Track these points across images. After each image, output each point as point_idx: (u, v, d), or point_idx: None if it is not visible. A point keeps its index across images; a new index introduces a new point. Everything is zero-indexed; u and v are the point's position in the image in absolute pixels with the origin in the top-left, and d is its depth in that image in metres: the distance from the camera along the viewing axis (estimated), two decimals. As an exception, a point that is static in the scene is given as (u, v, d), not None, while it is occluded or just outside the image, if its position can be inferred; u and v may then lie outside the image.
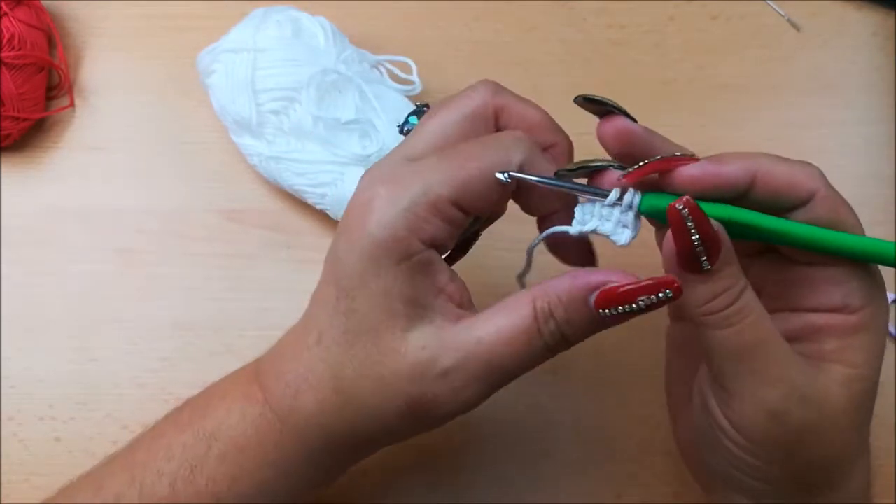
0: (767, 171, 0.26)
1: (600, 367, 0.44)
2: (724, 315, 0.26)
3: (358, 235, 0.27)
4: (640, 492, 0.42)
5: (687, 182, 0.26)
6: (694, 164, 0.26)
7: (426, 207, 0.26)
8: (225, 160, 0.47)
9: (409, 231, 0.26)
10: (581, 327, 0.27)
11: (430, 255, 0.27)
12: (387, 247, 0.26)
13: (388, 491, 0.42)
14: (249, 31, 0.43)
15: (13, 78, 0.45)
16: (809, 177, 0.27)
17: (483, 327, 0.27)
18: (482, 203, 0.28)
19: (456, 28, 0.50)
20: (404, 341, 0.27)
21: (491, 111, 0.29)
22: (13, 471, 0.43)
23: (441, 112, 0.29)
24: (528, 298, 0.27)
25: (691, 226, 0.24)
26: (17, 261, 0.46)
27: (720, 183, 0.26)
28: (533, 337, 0.27)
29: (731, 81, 0.49)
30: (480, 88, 0.29)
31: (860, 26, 0.50)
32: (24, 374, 0.44)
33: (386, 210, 0.26)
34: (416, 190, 0.26)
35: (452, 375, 0.27)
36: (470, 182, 0.27)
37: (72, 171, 0.48)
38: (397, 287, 0.27)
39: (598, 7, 0.50)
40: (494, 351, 0.27)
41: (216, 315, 0.45)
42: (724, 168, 0.26)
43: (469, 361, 0.27)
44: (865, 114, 0.48)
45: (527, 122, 0.29)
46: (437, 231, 0.27)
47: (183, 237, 0.46)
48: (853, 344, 0.27)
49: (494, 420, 0.43)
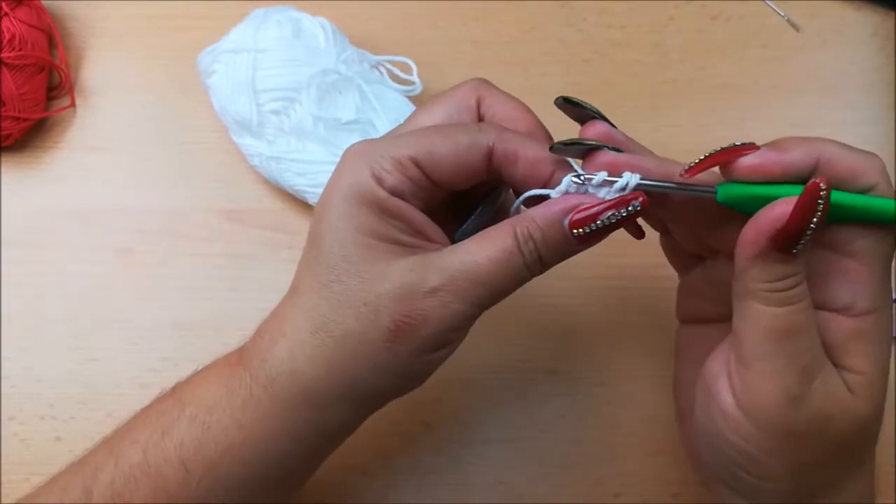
0: (829, 159, 0.27)
1: (600, 368, 0.44)
2: (785, 295, 0.26)
3: (329, 191, 0.29)
4: (639, 492, 0.42)
5: (750, 171, 0.27)
6: (755, 154, 0.27)
7: (389, 160, 0.28)
8: (225, 160, 0.47)
9: (373, 179, 0.28)
10: (556, 248, 0.29)
11: (397, 202, 0.29)
12: (352, 191, 0.28)
13: (387, 491, 0.42)
14: (250, 31, 0.43)
15: (14, 78, 0.45)
16: (871, 168, 0.27)
17: (467, 249, 0.28)
18: (447, 174, 0.29)
19: (456, 28, 0.50)
20: (389, 267, 0.28)
21: (474, 102, 0.31)
22: (13, 470, 0.43)
23: (429, 106, 0.31)
24: (510, 225, 0.29)
25: (821, 206, 0.25)
26: (17, 261, 0.46)
27: (783, 170, 0.27)
28: (514, 256, 0.28)
29: (731, 81, 0.49)
30: (466, 84, 0.31)
31: (860, 26, 0.50)
32: (25, 373, 0.44)
33: (354, 164, 0.29)
34: (381, 148, 0.29)
35: (441, 292, 0.28)
36: (433, 147, 0.29)
37: (72, 171, 0.48)
38: (369, 224, 0.28)
39: (598, 7, 0.50)
40: (479, 269, 0.28)
41: (216, 315, 0.45)
42: (786, 155, 0.27)
43: (456, 278, 0.28)
44: (865, 114, 0.48)
45: (506, 112, 0.31)
46: (399, 183, 0.29)
47: (183, 237, 0.46)
48: (852, 349, 0.27)
49: (494, 420, 0.43)
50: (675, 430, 0.43)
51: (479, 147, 0.29)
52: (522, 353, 0.44)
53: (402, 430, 0.43)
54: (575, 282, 0.45)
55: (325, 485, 0.42)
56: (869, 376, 0.27)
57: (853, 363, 0.27)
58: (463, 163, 0.29)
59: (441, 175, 0.29)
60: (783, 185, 0.27)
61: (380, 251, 0.28)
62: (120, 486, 0.29)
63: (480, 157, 0.29)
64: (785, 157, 0.27)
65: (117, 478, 0.29)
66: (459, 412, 0.43)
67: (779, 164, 0.27)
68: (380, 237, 0.28)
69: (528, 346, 0.44)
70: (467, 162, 0.29)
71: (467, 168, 0.29)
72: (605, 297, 0.45)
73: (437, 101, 0.31)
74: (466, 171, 0.29)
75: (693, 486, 0.42)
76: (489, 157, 0.29)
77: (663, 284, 0.43)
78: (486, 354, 0.44)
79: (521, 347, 0.44)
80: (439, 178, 0.29)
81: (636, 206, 0.27)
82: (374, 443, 0.42)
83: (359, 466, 0.42)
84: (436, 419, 0.43)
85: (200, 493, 0.29)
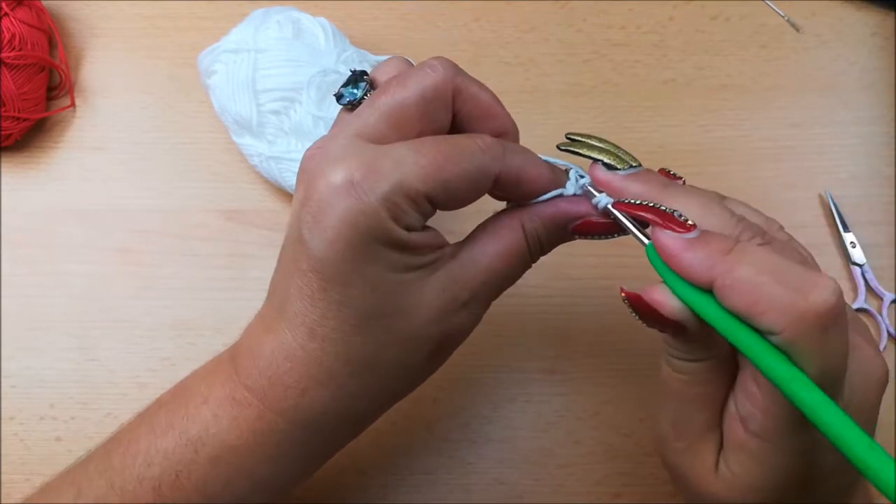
0: (728, 286, 0.23)
1: (599, 368, 0.44)
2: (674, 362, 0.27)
3: (335, 223, 0.26)
4: (639, 492, 0.42)
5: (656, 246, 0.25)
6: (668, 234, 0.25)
7: (404, 199, 0.26)
8: (225, 160, 0.48)
9: (392, 220, 0.26)
10: (554, 243, 0.30)
11: (416, 238, 0.28)
12: (374, 235, 0.26)
13: (387, 491, 0.42)
14: (250, 31, 0.43)
15: (14, 78, 0.45)
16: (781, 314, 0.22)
17: (483, 254, 0.29)
18: (455, 203, 0.28)
19: (456, 28, 0.50)
20: (423, 295, 0.28)
21: (450, 93, 0.28)
22: (13, 470, 0.43)
23: (397, 89, 0.28)
24: (517, 222, 0.29)
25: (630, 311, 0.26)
26: (17, 261, 0.46)
27: (675, 268, 0.24)
28: (525, 254, 0.30)
29: (731, 81, 0.49)
30: (438, 66, 0.28)
31: (860, 26, 0.50)
32: (25, 373, 0.44)
33: (365, 199, 0.25)
34: (393, 180, 0.26)
35: (472, 304, 0.29)
36: (448, 184, 0.27)
37: (72, 171, 0.48)
38: (400, 264, 0.27)
39: (598, 7, 0.50)
40: (499, 274, 0.29)
41: (217, 315, 0.45)
42: (683, 256, 0.24)
43: (483, 289, 0.29)
44: (865, 114, 0.48)
45: (481, 107, 0.29)
46: (414, 221, 0.27)
47: (183, 237, 0.46)
48: (735, 456, 0.26)
49: (494, 420, 0.43)
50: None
51: (488, 177, 0.28)
52: (522, 353, 0.44)
53: (402, 430, 0.43)
54: (575, 282, 0.45)
55: (325, 485, 0.42)
56: (741, 482, 0.27)
57: (731, 463, 0.27)
58: (472, 192, 0.28)
59: (451, 205, 0.28)
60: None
61: (411, 282, 0.28)
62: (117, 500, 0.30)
63: (488, 185, 0.28)
64: (681, 263, 0.24)
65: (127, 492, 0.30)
66: (459, 412, 0.43)
67: (672, 261, 0.24)
68: (407, 269, 0.28)
69: (528, 346, 0.44)
70: (477, 191, 0.28)
71: (475, 196, 0.28)
72: (605, 297, 0.45)
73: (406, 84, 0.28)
74: (473, 199, 0.29)
75: (693, 486, 0.42)
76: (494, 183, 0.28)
77: (663, 284, 0.44)
78: (486, 354, 0.44)
79: (521, 347, 0.44)
80: (449, 208, 0.28)
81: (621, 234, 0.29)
82: (374, 443, 0.42)
83: (359, 466, 0.42)
84: (436, 419, 0.43)
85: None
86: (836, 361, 0.23)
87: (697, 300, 0.24)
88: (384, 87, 0.28)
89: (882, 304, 0.45)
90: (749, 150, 0.48)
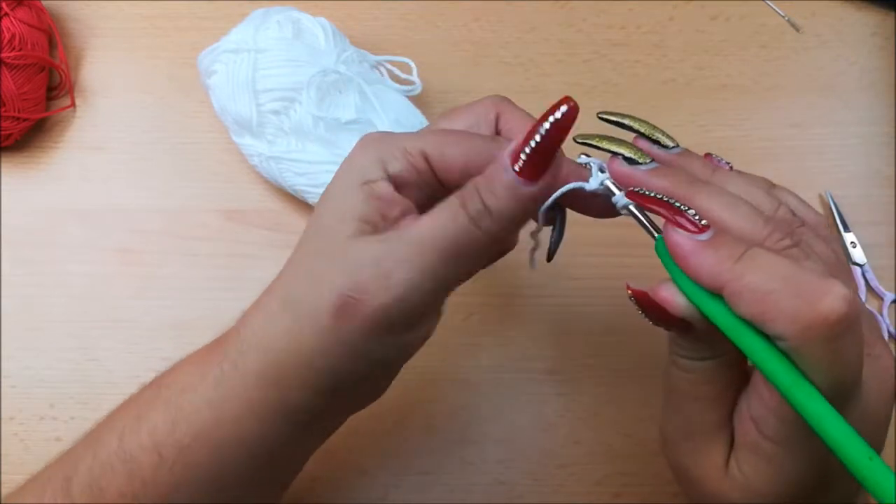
0: (736, 292, 0.23)
1: (599, 368, 0.44)
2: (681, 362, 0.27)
3: (337, 172, 0.29)
4: (639, 492, 0.42)
5: (667, 243, 0.25)
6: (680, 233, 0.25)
7: (399, 149, 0.29)
8: (225, 160, 0.48)
9: (377, 161, 0.28)
10: (503, 194, 0.26)
11: (388, 188, 0.28)
12: (355, 169, 0.28)
13: (387, 491, 0.42)
14: (250, 31, 0.43)
15: (14, 78, 0.45)
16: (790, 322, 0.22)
17: (417, 219, 0.28)
18: (455, 172, 0.29)
19: (456, 28, 0.50)
20: (347, 243, 0.28)
21: (493, 116, 0.31)
22: (13, 471, 0.43)
23: (449, 115, 0.32)
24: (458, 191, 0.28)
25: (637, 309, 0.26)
26: (17, 261, 0.46)
27: (685, 269, 0.24)
28: (456, 212, 0.27)
29: (731, 81, 0.49)
30: (487, 99, 0.31)
31: (860, 26, 0.50)
32: (25, 373, 0.44)
33: (364, 149, 0.29)
34: (395, 138, 0.29)
35: (383, 261, 0.27)
36: (444, 148, 0.28)
37: (72, 171, 0.48)
38: (356, 205, 0.28)
39: (598, 7, 0.50)
40: (422, 231, 0.27)
41: (216, 315, 0.45)
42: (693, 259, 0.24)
43: (398, 245, 0.27)
44: (865, 114, 0.48)
45: (520, 126, 0.30)
46: (403, 171, 0.28)
47: (183, 237, 0.46)
48: (747, 457, 0.26)
49: (494, 420, 0.43)
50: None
51: (491, 155, 0.28)
52: (522, 353, 0.44)
53: (402, 430, 0.43)
54: (575, 282, 0.45)
55: (326, 485, 0.42)
56: (754, 485, 0.26)
57: (742, 465, 0.26)
58: (473, 167, 0.28)
59: (448, 175, 0.29)
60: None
61: (355, 230, 0.27)
62: (98, 474, 0.29)
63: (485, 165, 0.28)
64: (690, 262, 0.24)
65: (95, 465, 0.29)
66: (459, 412, 0.43)
67: (682, 262, 0.24)
68: (358, 218, 0.28)
69: (528, 346, 0.44)
70: (476, 167, 0.28)
71: (476, 173, 0.28)
72: (605, 297, 0.45)
73: (458, 111, 0.31)
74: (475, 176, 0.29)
75: (693, 486, 0.42)
76: None
77: (663, 284, 0.43)
78: (486, 354, 0.44)
79: (521, 347, 0.44)
80: (446, 178, 0.29)
81: (563, 111, 0.25)
82: (374, 443, 0.42)
83: (359, 466, 0.42)
84: (436, 419, 0.43)
85: (174, 479, 0.28)
86: (848, 370, 0.23)
87: (705, 301, 0.24)
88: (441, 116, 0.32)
89: (882, 304, 0.45)
90: (749, 150, 0.48)
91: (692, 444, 0.28)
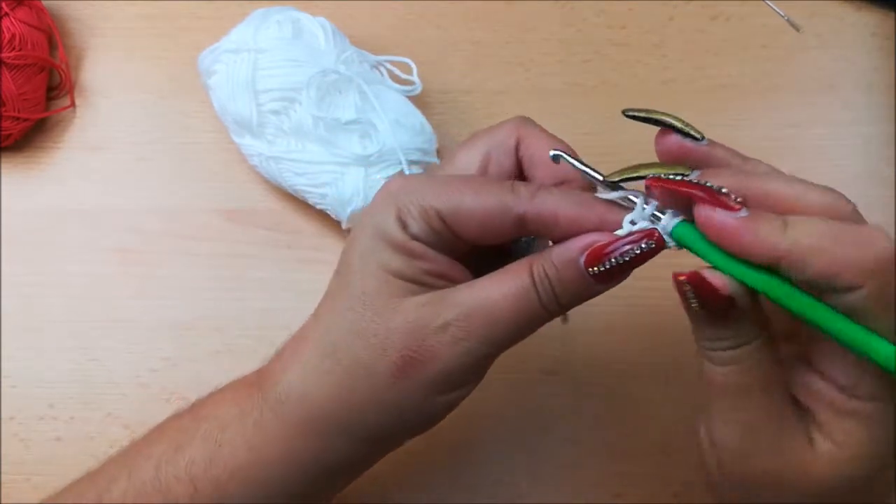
0: (799, 258, 0.23)
1: (600, 368, 0.44)
2: (722, 355, 0.26)
3: (361, 223, 0.29)
4: (640, 492, 0.42)
5: (704, 225, 0.25)
6: (721, 213, 0.24)
7: (416, 207, 0.28)
8: (225, 160, 0.48)
9: (398, 221, 0.28)
10: (573, 287, 0.28)
11: (420, 246, 0.28)
12: (378, 230, 0.28)
13: (387, 491, 0.42)
14: (250, 31, 0.43)
15: (14, 78, 0.45)
16: (856, 268, 0.23)
17: (483, 286, 0.28)
18: (471, 230, 0.28)
19: (456, 28, 0.50)
20: (403, 303, 0.28)
21: (513, 141, 0.30)
22: (13, 471, 0.43)
23: (470, 143, 0.31)
24: (527, 263, 0.28)
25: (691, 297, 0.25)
26: (17, 261, 0.46)
27: (736, 249, 0.24)
28: (530, 294, 0.27)
29: (731, 81, 0.49)
30: (509, 122, 0.31)
31: (859, 26, 0.50)
32: (25, 373, 0.44)
33: (384, 202, 0.28)
34: (412, 192, 0.28)
35: (453, 327, 0.27)
36: (461, 206, 0.28)
37: (72, 171, 0.48)
38: (393, 263, 0.28)
39: (598, 7, 0.50)
40: (493, 306, 0.27)
41: (216, 315, 0.45)
42: (746, 236, 0.24)
43: (470, 314, 0.27)
44: (865, 114, 0.48)
45: (544, 156, 0.29)
46: (421, 232, 0.28)
47: (183, 237, 0.46)
48: (843, 426, 0.26)
49: (494, 420, 0.43)
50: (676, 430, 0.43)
51: (507, 213, 0.28)
52: (522, 353, 0.44)
53: (402, 430, 0.43)
54: (575, 282, 0.45)
55: (325, 485, 0.42)
56: (849, 451, 0.26)
57: (838, 436, 0.26)
58: (489, 225, 0.28)
59: (465, 232, 0.28)
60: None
61: (399, 287, 0.28)
62: (131, 500, 0.29)
63: (509, 222, 0.28)
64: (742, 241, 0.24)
65: (129, 491, 0.29)
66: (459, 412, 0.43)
67: (734, 245, 0.24)
68: (402, 276, 0.28)
69: (528, 346, 0.44)
70: (494, 225, 0.28)
71: (494, 230, 0.28)
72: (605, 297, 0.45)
73: (478, 137, 0.31)
74: (493, 233, 0.28)
75: (693, 486, 0.42)
76: (519, 221, 0.28)
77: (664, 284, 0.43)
78: (486, 354, 0.44)
79: (521, 347, 0.44)
80: (463, 235, 0.28)
81: (650, 244, 0.26)
82: (374, 443, 0.42)
83: (359, 466, 0.42)
84: (436, 419, 0.43)
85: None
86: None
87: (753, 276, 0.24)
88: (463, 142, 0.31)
89: (882, 304, 0.45)
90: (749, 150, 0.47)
91: (765, 439, 0.26)
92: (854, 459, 0.26)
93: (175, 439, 0.30)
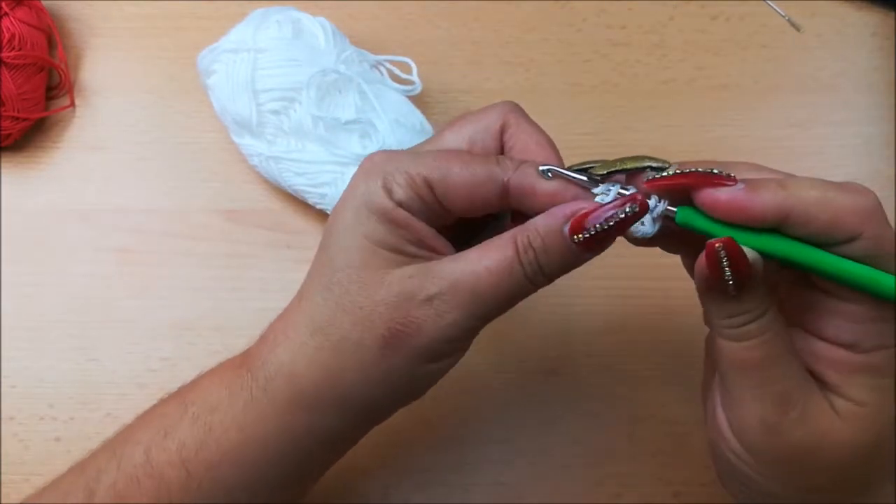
0: (804, 211, 0.25)
1: (600, 368, 0.44)
2: (739, 331, 0.26)
3: (343, 198, 0.29)
4: (640, 492, 0.42)
5: (712, 207, 0.26)
6: (723, 190, 0.25)
7: (402, 175, 0.28)
8: (225, 160, 0.47)
9: (383, 189, 0.28)
10: (557, 257, 0.28)
11: (404, 214, 0.28)
12: (363, 200, 0.28)
13: (387, 491, 0.42)
14: (250, 31, 0.43)
15: (13, 78, 0.45)
16: (854, 215, 0.25)
17: (468, 258, 0.28)
18: (458, 199, 0.28)
19: (456, 28, 0.50)
20: (388, 274, 0.28)
21: (498, 126, 0.30)
22: (13, 471, 0.43)
23: (456, 125, 0.31)
24: (511, 235, 0.28)
25: (725, 263, 0.25)
26: (17, 261, 0.46)
27: (746, 217, 0.25)
28: (514, 266, 0.28)
29: (731, 81, 0.49)
30: (496, 107, 0.31)
31: (860, 26, 0.50)
32: (24, 373, 0.44)
33: (368, 173, 0.29)
34: (398, 161, 0.29)
35: (437, 300, 0.27)
36: (449, 174, 0.28)
37: (72, 171, 0.48)
38: (376, 233, 0.28)
39: (598, 7, 0.50)
40: (479, 279, 0.27)
41: (216, 315, 0.45)
42: (754, 202, 0.25)
43: (455, 287, 0.27)
44: (865, 114, 0.48)
45: (528, 144, 0.30)
46: (408, 199, 0.28)
47: (183, 237, 0.46)
48: (856, 381, 0.26)
49: (494, 419, 0.43)
50: (676, 430, 0.43)
51: (494, 181, 0.28)
52: (522, 353, 0.44)
53: (402, 430, 0.43)
54: (575, 282, 0.45)
55: (325, 485, 0.42)
56: (870, 408, 0.26)
57: (855, 394, 0.26)
58: (476, 194, 0.28)
59: (452, 202, 0.29)
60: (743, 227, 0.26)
61: (383, 258, 0.28)
62: (122, 488, 0.29)
63: (495, 191, 0.28)
64: (751, 205, 0.25)
65: (120, 479, 0.29)
66: (459, 412, 0.43)
67: (743, 211, 0.25)
68: (386, 246, 0.28)
69: (528, 346, 0.44)
70: (481, 194, 0.28)
71: (480, 200, 0.28)
72: (605, 298, 0.45)
73: (465, 120, 0.31)
74: (479, 203, 0.29)
75: (693, 486, 0.42)
76: (505, 191, 0.28)
77: (664, 284, 0.44)
78: (486, 354, 0.44)
79: (521, 347, 0.44)
80: (450, 205, 0.29)
81: (633, 207, 0.26)
82: (374, 443, 0.42)
83: (359, 466, 0.42)
84: (436, 419, 0.43)
85: (202, 494, 0.29)
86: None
87: (764, 240, 0.25)
88: (450, 123, 0.31)
89: (882, 304, 0.45)
90: (749, 150, 0.48)
91: (795, 409, 0.26)
92: (876, 415, 0.26)
93: (163, 425, 0.30)
